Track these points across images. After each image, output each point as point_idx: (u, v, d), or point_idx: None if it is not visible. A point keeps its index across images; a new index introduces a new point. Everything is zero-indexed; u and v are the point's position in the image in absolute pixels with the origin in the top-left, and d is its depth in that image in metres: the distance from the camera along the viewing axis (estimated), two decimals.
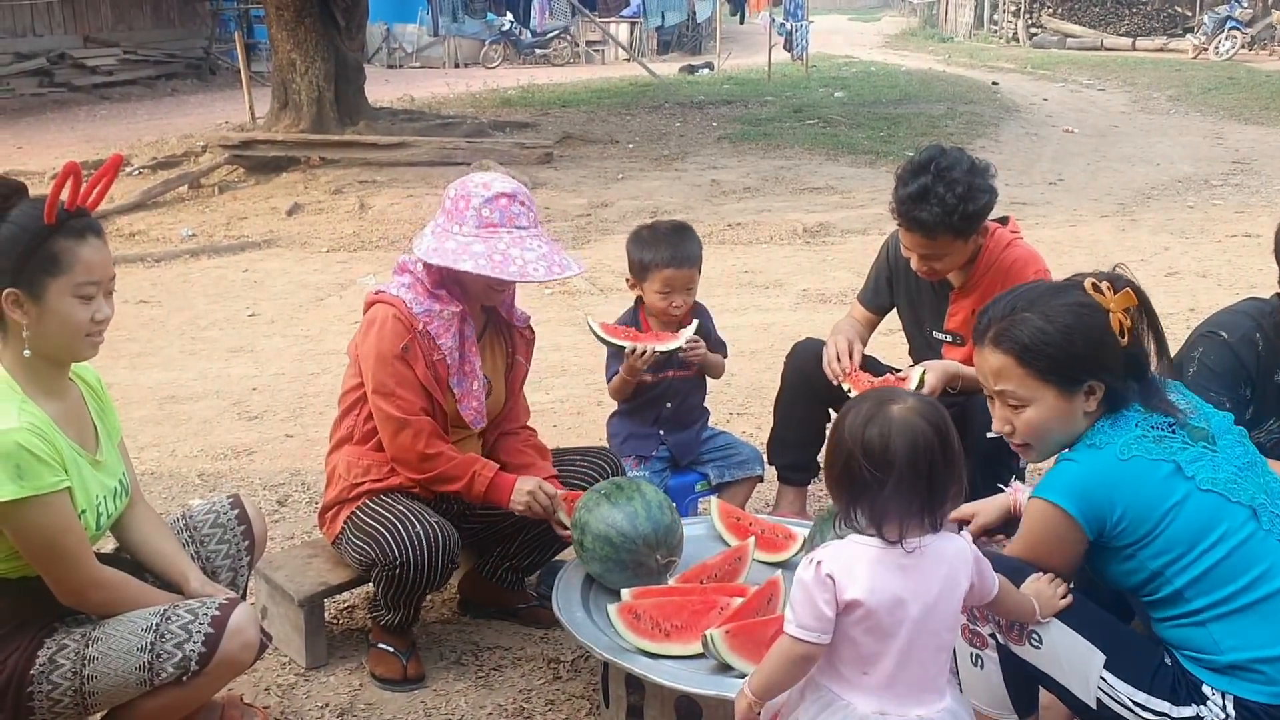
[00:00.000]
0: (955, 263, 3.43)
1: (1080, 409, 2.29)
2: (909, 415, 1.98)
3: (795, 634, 1.99)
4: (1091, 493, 2.21)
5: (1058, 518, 2.24)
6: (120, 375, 5.76)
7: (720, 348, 3.74)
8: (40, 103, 18.74)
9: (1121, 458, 2.21)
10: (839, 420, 2.07)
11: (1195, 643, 2.21)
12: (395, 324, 3.00)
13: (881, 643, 1.97)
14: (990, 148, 13.17)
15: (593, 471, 3.27)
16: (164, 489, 4.43)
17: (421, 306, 3.02)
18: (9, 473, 2.22)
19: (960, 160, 3.31)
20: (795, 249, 8.59)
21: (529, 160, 11.73)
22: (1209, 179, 11.26)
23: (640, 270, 3.53)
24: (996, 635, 2.32)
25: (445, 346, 3.03)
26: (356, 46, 13.79)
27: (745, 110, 16.32)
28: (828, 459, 2.07)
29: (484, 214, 2.95)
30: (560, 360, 5.95)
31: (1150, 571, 2.21)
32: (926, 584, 1.98)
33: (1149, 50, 26.78)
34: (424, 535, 2.89)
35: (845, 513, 2.02)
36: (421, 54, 27.40)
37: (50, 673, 2.37)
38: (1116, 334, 2.25)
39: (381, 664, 3.08)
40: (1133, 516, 2.19)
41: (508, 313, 3.26)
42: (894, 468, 1.95)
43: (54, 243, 2.29)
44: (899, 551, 1.97)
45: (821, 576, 1.96)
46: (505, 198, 2.97)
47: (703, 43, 31.47)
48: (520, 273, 2.91)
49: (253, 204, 10.46)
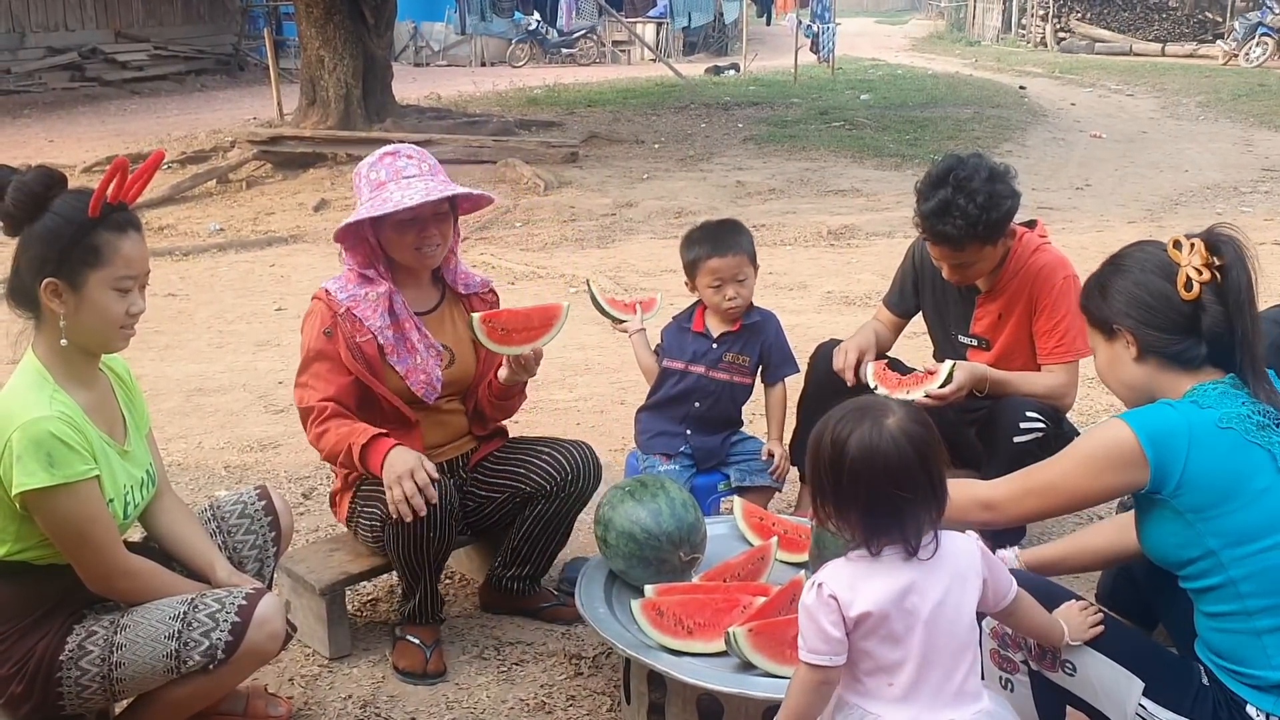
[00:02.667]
0: (987, 267, 3.42)
1: (1124, 357, 2.26)
2: (891, 430, 1.94)
3: (808, 659, 1.97)
4: (1173, 439, 2.11)
5: (1129, 445, 2.13)
6: (148, 367, 5.82)
7: (785, 364, 3.65)
8: (71, 97, 18.92)
9: (1220, 424, 2.12)
10: (820, 426, 2.02)
11: (1242, 654, 2.11)
12: (318, 314, 3.11)
13: (897, 650, 1.95)
14: (1017, 152, 13.11)
15: (552, 470, 3.24)
16: (190, 480, 4.47)
17: (346, 293, 3.11)
18: (40, 461, 2.25)
19: (979, 169, 3.28)
20: (820, 251, 8.57)
21: (554, 159, 11.75)
22: (1238, 186, 11.17)
23: (691, 269, 3.55)
24: (1029, 662, 2.28)
25: (374, 326, 3.09)
26: (384, 44, 13.85)
27: (771, 112, 16.29)
28: (812, 471, 2.03)
29: (372, 177, 3.09)
30: (584, 359, 5.97)
31: (1205, 549, 2.11)
32: (932, 583, 1.96)
33: (1178, 56, 26.56)
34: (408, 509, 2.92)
35: (823, 519, 2.02)
36: (448, 52, 27.50)
37: (79, 659, 2.40)
38: (1181, 288, 2.18)
39: (405, 656, 3.10)
40: (1204, 482, 2.10)
41: (454, 282, 3.29)
42: (864, 481, 1.93)
43: (96, 235, 2.33)
44: (895, 559, 1.96)
45: (824, 598, 1.95)
46: (388, 155, 3.11)
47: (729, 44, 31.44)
48: (396, 205, 2.98)
49: (280, 199, 10.52)
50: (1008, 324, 3.50)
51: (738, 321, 3.56)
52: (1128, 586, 2.72)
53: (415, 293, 3.23)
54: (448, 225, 3.18)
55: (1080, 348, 3.41)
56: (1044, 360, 3.45)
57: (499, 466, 3.31)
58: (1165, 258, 2.22)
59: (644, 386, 3.76)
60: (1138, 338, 2.23)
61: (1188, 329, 2.19)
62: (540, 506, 3.24)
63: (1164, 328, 2.21)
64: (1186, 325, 2.19)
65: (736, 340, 3.56)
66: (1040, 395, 3.39)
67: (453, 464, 3.30)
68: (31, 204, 2.32)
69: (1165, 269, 2.21)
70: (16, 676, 2.39)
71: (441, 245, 3.16)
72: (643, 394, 3.77)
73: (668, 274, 7.74)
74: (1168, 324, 2.20)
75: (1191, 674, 2.18)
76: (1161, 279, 2.21)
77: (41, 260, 2.32)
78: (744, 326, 3.56)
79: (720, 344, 3.55)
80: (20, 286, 2.37)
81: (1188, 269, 2.17)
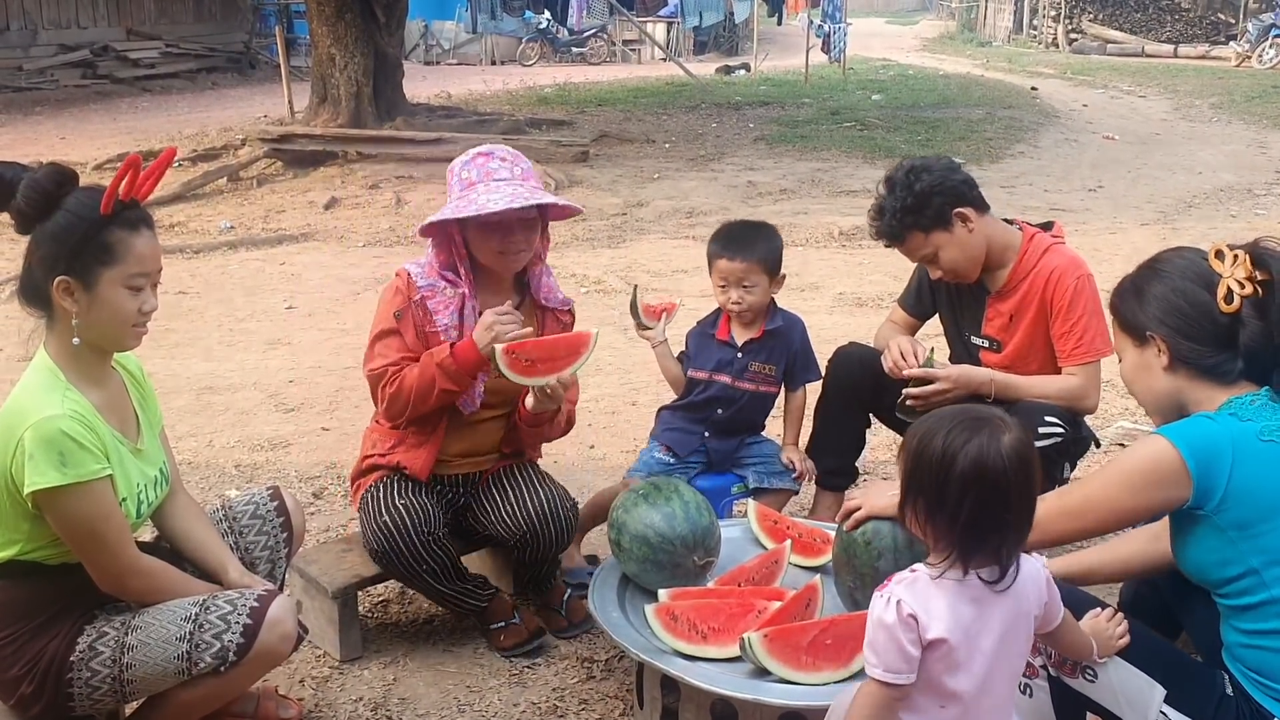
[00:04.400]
0: (958, 255, 3.39)
1: (1154, 365, 2.22)
2: (1006, 446, 1.87)
3: (883, 678, 1.89)
4: (1217, 453, 2.07)
5: (1171, 460, 2.08)
6: (159, 365, 5.80)
7: (808, 370, 3.58)
8: (83, 94, 18.95)
9: (1262, 438, 2.08)
10: (930, 426, 1.93)
11: (1272, 669, 2.08)
12: (396, 292, 3.11)
13: (958, 677, 1.91)
14: (1029, 153, 13.09)
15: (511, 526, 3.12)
16: (201, 479, 4.46)
17: (425, 280, 3.09)
18: (52, 460, 2.23)
19: (902, 165, 3.43)
20: (831, 252, 8.55)
21: (565, 158, 11.74)
22: (1251, 188, 11.11)
23: (708, 263, 3.52)
24: (1048, 667, 2.24)
25: (441, 324, 3.07)
26: (395, 42, 13.87)
27: (782, 112, 16.27)
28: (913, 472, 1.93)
29: (464, 176, 3.05)
30: (595, 359, 5.90)
31: (1247, 568, 2.07)
32: (1001, 614, 1.92)
33: (1191, 58, 26.47)
34: (389, 524, 2.96)
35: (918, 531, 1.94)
36: (459, 51, 27.51)
37: (90, 660, 2.39)
38: (1220, 299, 2.13)
39: (506, 639, 3.17)
40: (1249, 497, 2.05)
41: (536, 291, 3.25)
42: (971, 494, 1.85)
43: (109, 233, 2.31)
44: (976, 583, 1.90)
45: (904, 617, 1.88)
46: (482, 156, 3.06)
47: (739, 44, 31.39)
48: (479, 209, 2.94)
49: (290, 197, 10.52)
50: (1020, 326, 3.46)
51: (760, 328, 3.51)
52: (1151, 593, 2.68)
53: (493, 295, 3.16)
54: (534, 232, 3.10)
55: (1100, 348, 3.37)
56: (1064, 363, 3.41)
57: (485, 500, 3.23)
58: (1205, 267, 2.17)
59: (656, 387, 3.73)
60: (1171, 347, 2.19)
61: (1224, 342, 2.15)
62: (514, 551, 3.23)
63: (1200, 339, 2.16)
64: (1223, 338, 2.15)
65: (761, 349, 3.51)
66: (1053, 398, 3.36)
67: (468, 479, 3.25)
68: (43, 201, 2.30)
69: (1205, 279, 2.17)
70: (27, 677, 2.37)
71: (526, 251, 3.10)
72: (655, 394, 3.74)
73: (679, 274, 7.71)
74: (1204, 335, 2.16)
75: (1215, 682, 2.15)
76: (1201, 289, 2.16)
77: (54, 258, 2.30)
78: (767, 333, 3.51)
79: (746, 353, 3.51)
80: (32, 284, 2.36)
81: (1230, 281, 2.12)
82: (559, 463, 4.59)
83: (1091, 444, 3.58)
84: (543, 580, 3.35)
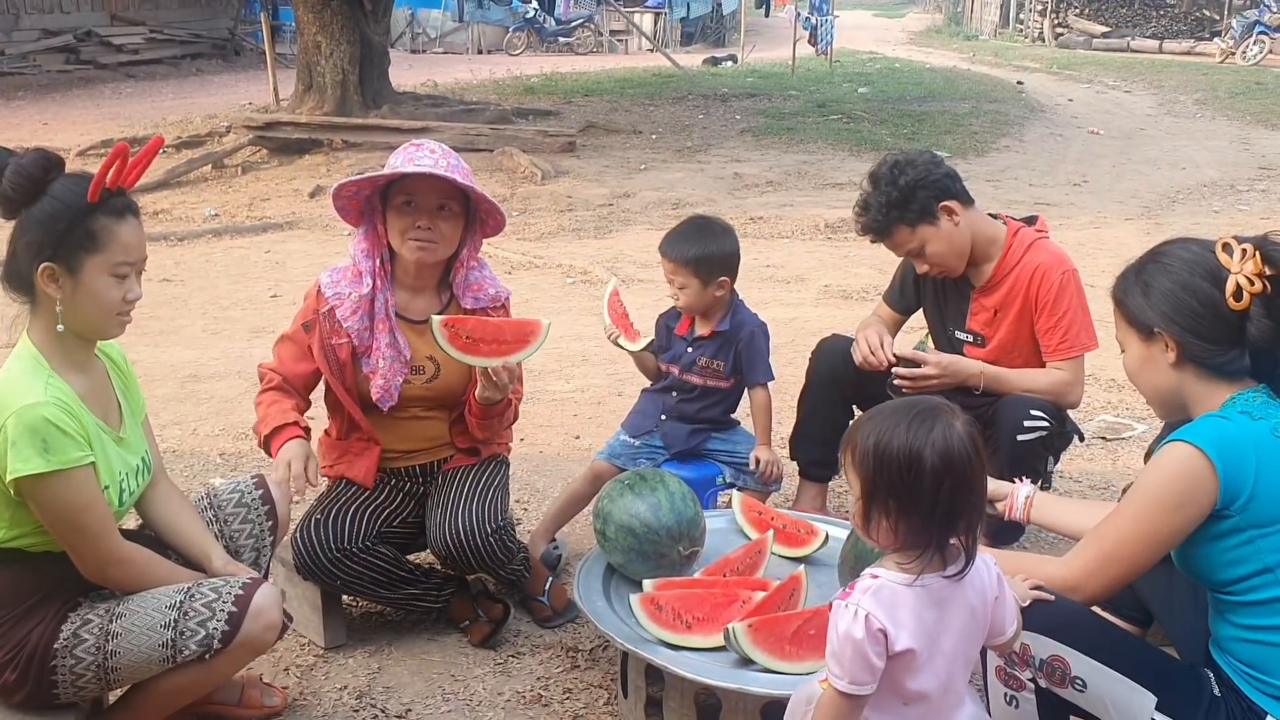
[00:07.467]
0: (944, 249, 3.41)
1: (1160, 361, 2.18)
2: (961, 432, 1.86)
3: (850, 690, 1.86)
4: (1241, 451, 2.03)
5: (1199, 464, 2.02)
6: (143, 353, 5.78)
7: (754, 371, 3.48)
8: (66, 80, 18.84)
9: (1276, 434, 2.05)
10: (875, 431, 1.89)
11: (1274, 665, 2.05)
12: (306, 303, 3.16)
13: (919, 678, 1.90)
14: (1015, 147, 13.12)
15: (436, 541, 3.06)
16: (185, 467, 4.44)
17: (332, 290, 3.09)
18: (35, 447, 2.22)
19: (886, 161, 3.45)
20: (817, 244, 8.56)
21: (552, 148, 11.71)
22: (1235, 184, 11.17)
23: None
24: (1037, 680, 2.19)
25: (351, 328, 3.06)
26: (381, 30, 13.80)
27: (769, 104, 16.28)
28: (876, 477, 1.88)
29: (393, 163, 3.03)
30: (581, 350, 5.95)
31: (1263, 566, 2.03)
32: (959, 609, 1.91)
33: (1175, 53, 26.60)
34: (302, 540, 3.01)
35: (885, 537, 1.90)
36: (445, 39, 27.43)
37: (74, 647, 2.38)
38: (1229, 296, 2.08)
39: (471, 635, 3.19)
40: (1273, 497, 2.02)
41: (462, 293, 3.16)
42: (946, 486, 1.83)
43: (94, 220, 2.30)
44: (939, 584, 1.88)
45: (873, 631, 1.84)
46: (413, 146, 3.05)
47: (727, 35, 31.40)
48: (390, 170, 2.96)
49: (275, 185, 10.48)
50: (1004, 320, 3.48)
51: (711, 327, 3.48)
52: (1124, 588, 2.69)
53: (413, 298, 3.15)
54: (451, 226, 3.05)
55: (1085, 343, 3.40)
56: (1049, 358, 3.43)
57: (430, 501, 3.19)
58: (1213, 260, 2.12)
59: (641, 378, 3.76)
60: (1180, 344, 2.14)
61: (1233, 339, 2.10)
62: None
63: (1209, 337, 2.11)
64: (1232, 335, 2.10)
65: (709, 345, 3.50)
66: (1041, 392, 3.38)
67: (426, 469, 3.24)
68: (29, 187, 2.29)
69: (1213, 274, 2.11)
70: (10, 664, 2.37)
71: (434, 242, 3.02)
72: (639, 385, 3.78)
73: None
74: (1213, 333, 2.11)
75: (1202, 684, 2.13)
76: (1210, 284, 2.10)
77: (39, 244, 2.29)
78: (715, 333, 3.48)
79: (695, 348, 3.51)
80: (16, 270, 2.34)
81: (1238, 277, 2.07)
82: (544, 453, 4.59)
83: (1075, 438, 3.60)
84: (510, 582, 3.29)
